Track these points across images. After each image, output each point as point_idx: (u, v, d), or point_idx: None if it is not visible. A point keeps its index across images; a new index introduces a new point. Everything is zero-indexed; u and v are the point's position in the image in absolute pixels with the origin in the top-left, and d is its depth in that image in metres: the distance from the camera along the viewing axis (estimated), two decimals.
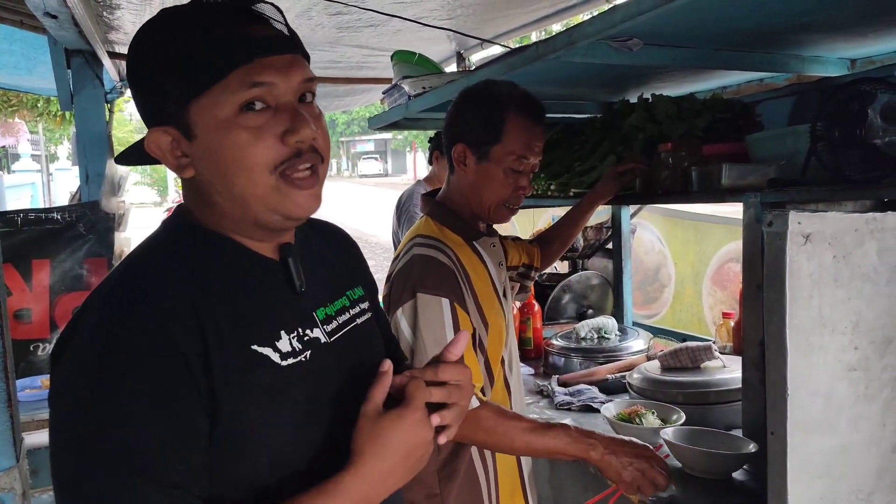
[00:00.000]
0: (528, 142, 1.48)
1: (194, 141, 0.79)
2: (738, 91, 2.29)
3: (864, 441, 1.00)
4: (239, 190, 0.79)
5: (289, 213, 0.81)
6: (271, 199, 0.79)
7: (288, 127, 0.78)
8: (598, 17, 1.43)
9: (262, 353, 0.79)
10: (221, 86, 0.76)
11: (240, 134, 0.77)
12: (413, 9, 2.76)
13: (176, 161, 0.81)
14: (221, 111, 0.76)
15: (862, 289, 0.98)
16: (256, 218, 0.81)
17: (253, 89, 0.76)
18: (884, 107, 1.33)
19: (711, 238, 3.52)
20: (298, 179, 0.80)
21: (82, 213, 3.38)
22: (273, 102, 0.78)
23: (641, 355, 2.31)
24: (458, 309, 1.37)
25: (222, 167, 0.78)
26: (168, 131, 0.79)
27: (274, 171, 0.78)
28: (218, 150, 0.77)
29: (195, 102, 0.77)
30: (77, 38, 2.80)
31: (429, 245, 1.43)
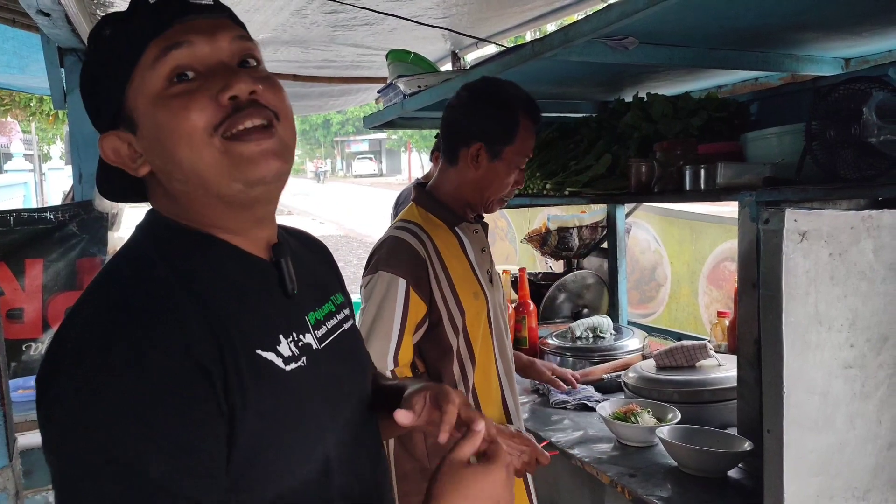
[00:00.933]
0: (531, 144, 1.59)
1: (138, 132, 0.75)
2: (732, 90, 2.30)
3: (860, 438, 1.00)
4: (188, 164, 0.73)
5: (245, 175, 0.73)
6: (223, 166, 0.72)
7: (221, 85, 0.72)
8: (594, 16, 1.43)
9: (266, 359, 0.75)
10: (143, 62, 0.73)
11: (171, 103, 0.72)
12: (408, 7, 2.75)
13: (133, 162, 0.77)
14: (150, 87, 0.73)
15: (858, 286, 0.98)
16: (218, 192, 0.74)
17: (173, 51, 0.72)
18: (878, 105, 1.33)
19: (707, 237, 3.52)
20: (243, 133, 0.72)
21: (75, 213, 3.36)
22: (203, 68, 0.74)
23: (637, 354, 2.31)
24: (413, 293, 1.46)
25: (166, 146, 0.73)
26: (119, 134, 0.76)
27: (214, 132, 0.72)
28: (157, 129, 0.73)
29: (128, 91, 0.74)
30: (70, 37, 2.78)
31: (405, 229, 1.53)
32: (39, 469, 3.10)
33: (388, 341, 1.45)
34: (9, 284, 3.29)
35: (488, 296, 1.59)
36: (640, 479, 1.56)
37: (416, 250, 1.49)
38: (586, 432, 1.89)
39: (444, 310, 1.50)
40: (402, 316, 1.46)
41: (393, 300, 1.45)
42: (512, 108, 1.55)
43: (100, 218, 3.40)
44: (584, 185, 2.20)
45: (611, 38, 1.54)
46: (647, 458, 1.69)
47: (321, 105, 5.46)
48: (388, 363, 1.45)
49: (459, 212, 1.61)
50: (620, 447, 1.76)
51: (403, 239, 1.50)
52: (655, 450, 1.71)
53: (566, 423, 1.96)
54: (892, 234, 1.00)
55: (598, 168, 2.19)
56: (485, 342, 1.57)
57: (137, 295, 0.71)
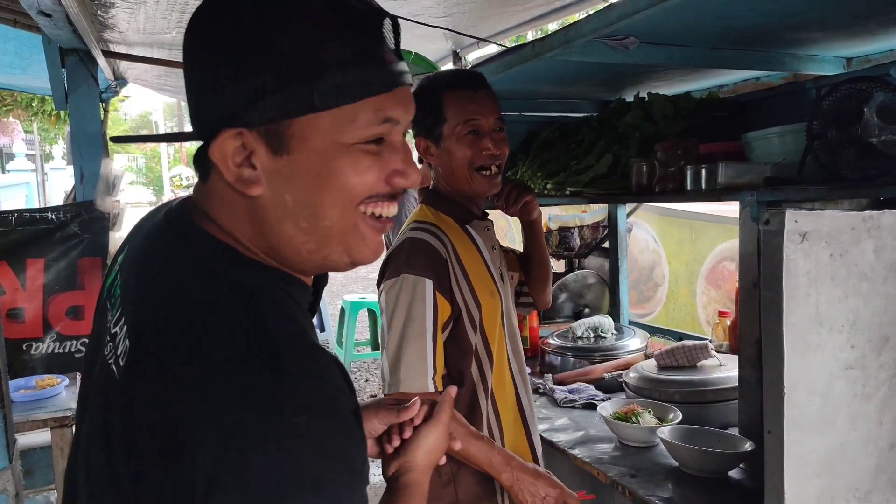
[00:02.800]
0: (469, 107, 1.52)
1: (284, 157, 0.64)
2: (733, 90, 2.29)
3: (861, 439, 1.00)
4: (328, 223, 0.66)
5: (360, 257, 0.70)
6: (349, 239, 0.68)
7: (400, 168, 0.68)
8: (595, 16, 1.43)
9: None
10: (353, 108, 0.63)
11: (357, 160, 0.64)
12: (409, 7, 2.75)
13: (237, 170, 0.64)
14: (341, 137, 0.63)
15: (859, 287, 0.98)
16: (328, 257, 0.69)
17: (385, 125, 0.65)
18: (880, 105, 1.33)
19: (706, 237, 3.52)
20: (381, 220, 0.69)
21: (77, 213, 3.36)
22: (390, 138, 0.67)
23: (638, 354, 2.31)
24: (439, 295, 1.43)
25: (320, 195, 0.64)
26: (244, 134, 0.63)
27: (361, 203, 0.66)
28: (323, 176, 0.64)
29: (310, 116, 0.62)
30: (72, 37, 2.79)
31: (423, 229, 1.50)
32: (39, 469, 3.11)
33: (424, 349, 1.40)
34: (10, 284, 3.30)
35: (502, 294, 1.58)
36: (641, 479, 1.56)
37: (436, 250, 1.46)
38: (587, 432, 1.88)
39: (463, 308, 1.48)
40: (433, 318, 1.42)
41: (422, 302, 1.41)
42: (432, 90, 1.54)
43: (101, 218, 3.41)
44: (586, 184, 2.20)
45: (611, 38, 1.54)
46: (648, 458, 1.68)
47: None
48: (428, 383, 1.39)
49: (465, 207, 1.60)
50: (621, 447, 1.76)
51: (423, 239, 1.47)
52: (656, 450, 1.71)
53: (567, 423, 1.96)
54: (893, 234, 1.00)
55: (599, 168, 2.18)
56: (500, 341, 1.56)
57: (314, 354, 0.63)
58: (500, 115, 1.56)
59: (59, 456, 2.49)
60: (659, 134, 1.99)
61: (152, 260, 0.70)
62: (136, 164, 23.52)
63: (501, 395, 1.55)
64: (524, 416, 1.59)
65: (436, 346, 1.42)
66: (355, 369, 6.14)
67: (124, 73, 4.05)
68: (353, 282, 10.31)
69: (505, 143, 1.57)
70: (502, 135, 1.57)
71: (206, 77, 0.64)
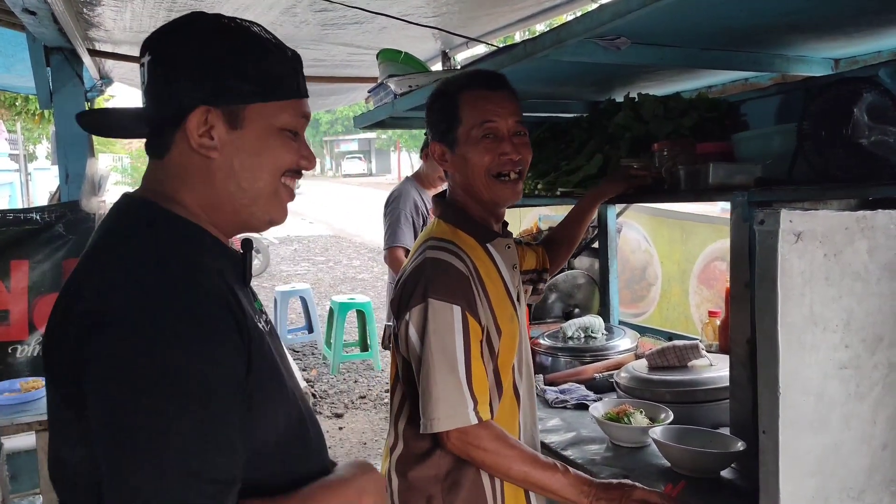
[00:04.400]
0: (485, 108, 1.45)
1: (237, 131, 0.91)
2: (723, 91, 2.30)
3: (855, 439, 1.00)
4: (260, 185, 0.93)
5: (275, 218, 0.97)
6: (271, 201, 0.95)
7: (305, 154, 0.97)
8: (587, 16, 1.42)
9: (260, 329, 0.91)
10: (286, 104, 0.93)
11: (283, 142, 0.93)
12: (398, 6, 2.74)
13: (199, 139, 0.89)
14: (278, 122, 0.92)
15: (853, 287, 0.98)
16: (253, 214, 0.95)
17: (302, 119, 0.96)
18: (869, 106, 1.34)
19: (697, 237, 3.54)
20: (291, 191, 0.97)
21: (62, 213, 3.32)
22: (300, 131, 0.97)
23: (628, 354, 2.31)
24: (470, 318, 1.34)
25: (258, 161, 0.92)
26: (211, 112, 0.89)
27: (282, 175, 0.95)
28: (262, 148, 0.92)
29: (259, 105, 0.91)
30: (57, 36, 2.76)
31: (442, 248, 1.40)
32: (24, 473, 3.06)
33: (459, 380, 1.31)
34: None
35: (519, 316, 1.50)
36: (633, 479, 1.55)
37: (460, 271, 1.36)
38: (579, 433, 1.88)
39: (484, 334, 1.39)
40: (465, 345, 1.33)
41: (451, 331, 1.32)
42: (447, 93, 1.48)
43: (86, 218, 3.37)
44: (576, 185, 2.19)
45: (603, 39, 1.54)
46: (640, 458, 1.68)
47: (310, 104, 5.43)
48: (469, 415, 1.31)
49: (484, 222, 1.50)
50: (613, 448, 1.76)
51: (445, 260, 1.37)
52: (648, 450, 1.71)
53: (559, 424, 1.96)
54: (887, 234, 1.00)
55: (589, 168, 2.18)
56: (511, 370, 1.48)
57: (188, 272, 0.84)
58: (521, 117, 1.48)
59: (45, 459, 2.46)
60: (649, 134, 1.99)
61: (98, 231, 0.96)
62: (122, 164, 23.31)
63: (504, 426, 1.45)
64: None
65: (471, 373, 1.33)
66: (344, 370, 6.12)
67: (110, 72, 4.01)
68: (341, 282, 10.28)
69: (527, 147, 1.49)
70: (524, 139, 1.48)
71: (189, 73, 0.90)
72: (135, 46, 3.36)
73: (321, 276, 10.87)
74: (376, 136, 41.30)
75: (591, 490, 1.31)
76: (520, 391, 1.51)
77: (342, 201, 24.99)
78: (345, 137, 47.40)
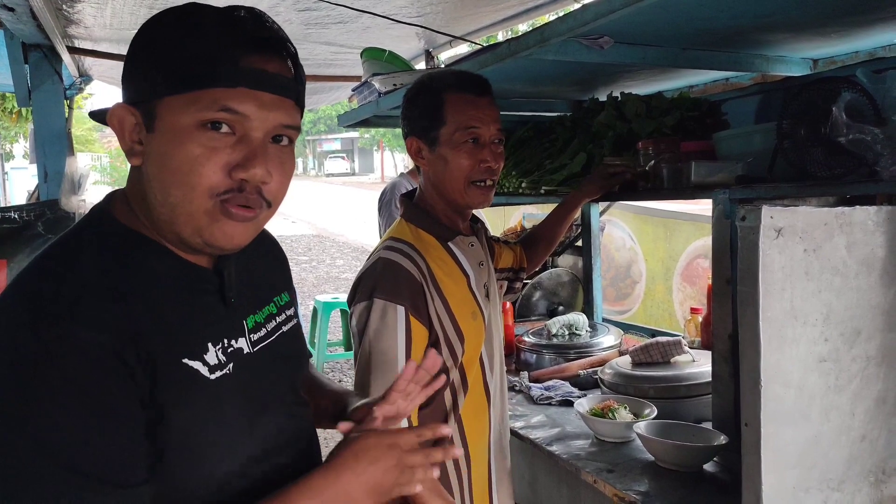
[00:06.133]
0: (471, 114, 1.45)
1: (151, 133, 0.78)
2: (704, 90, 2.33)
3: (834, 430, 1.02)
4: (172, 200, 0.77)
5: (213, 240, 0.79)
6: (201, 221, 0.78)
7: (240, 161, 0.77)
8: (570, 15, 1.44)
9: (192, 368, 0.78)
10: (197, 95, 0.75)
11: (192, 148, 0.76)
12: (382, 6, 2.74)
13: (130, 144, 0.80)
14: (185, 118, 0.76)
15: (832, 281, 1.00)
16: (180, 234, 0.80)
17: (220, 112, 0.76)
18: (847, 105, 1.36)
19: (680, 235, 3.58)
20: (234, 209, 0.78)
21: (41, 212, 3.27)
22: (240, 132, 0.78)
23: (612, 351, 2.33)
24: (413, 319, 1.35)
25: (165, 171, 0.77)
26: (134, 114, 0.79)
27: (213, 197, 0.77)
28: (167, 154, 0.77)
29: (169, 98, 0.76)
30: (35, 32, 2.72)
31: (396, 249, 1.41)
32: None
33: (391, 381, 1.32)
34: None
35: (485, 313, 1.51)
36: (617, 474, 1.57)
37: (410, 273, 1.37)
38: (564, 429, 1.90)
39: (441, 334, 1.40)
40: (406, 346, 1.33)
41: (392, 331, 1.33)
42: (433, 89, 1.47)
43: (66, 218, 3.32)
44: (560, 183, 2.21)
45: (586, 38, 1.55)
46: (624, 453, 1.70)
47: None
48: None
49: (448, 222, 1.51)
50: (598, 443, 1.78)
51: (395, 261, 1.38)
52: (632, 445, 1.73)
53: (543, 420, 1.97)
54: (864, 230, 1.02)
55: (573, 167, 2.20)
56: (478, 367, 1.49)
57: (59, 289, 0.73)
58: (501, 125, 1.49)
59: None
60: (632, 133, 2.01)
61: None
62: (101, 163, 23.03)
63: (473, 421, 1.49)
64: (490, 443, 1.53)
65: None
66: (328, 369, 6.10)
67: (89, 69, 3.96)
68: (324, 282, 10.25)
69: (502, 157, 1.51)
70: (500, 147, 1.50)
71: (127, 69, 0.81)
72: (115, 44, 3.33)
73: (304, 275, 10.82)
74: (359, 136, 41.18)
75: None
76: (490, 387, 1.53)
77: (325, 201, 24.89)
78: (327, 137, 47.23)
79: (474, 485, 1.47)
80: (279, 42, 0.81)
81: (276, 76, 0.79)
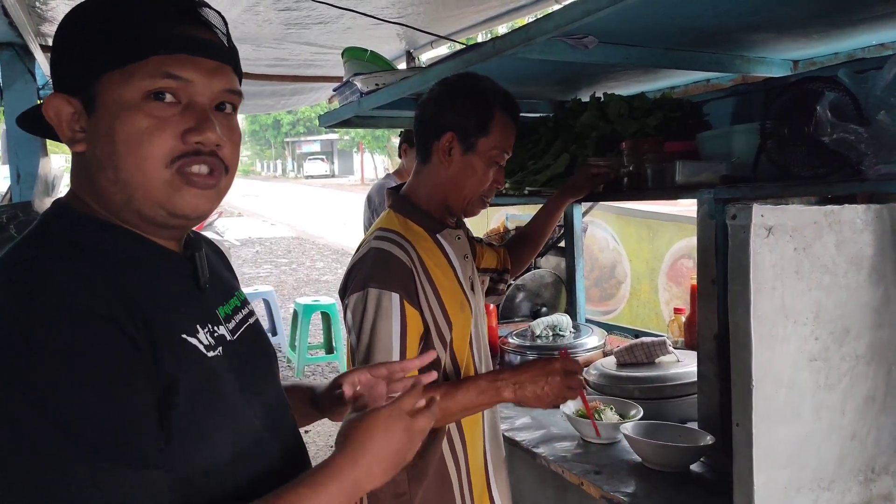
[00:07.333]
0: (510, 140, 1.54)
1: (93, 116, 0.76)
2: (685, 91, 2.34)
3: (824, 429, 1.02)
4: (126, 176, 0.76)
5: (176, 209, 0.78)
6: (160, 193, 0.77)
7: (192, 126, 0.77)
8: (557, 14, 1.43)
9: (192, 343, 0.77)
10: (137, 66, 0.74)
11: (140, 119, 0.75)
12: (363, 6, 2.72)
13: (71, 133, 0.78)
14: (128, 92, 0.74)
15: (821, 280, 1.00)
16: (140, 210, 0.78)
17: (166, 80, 0.75)
18: (831, 104, 1.37)
19: (663, 235, 3.60)
20: (195, 176, 0.78)
21: (13, 214, 3.20)
22: (185, 99, 0.77)
23: (596, 352, 2.33)
24: (408, 306, 1.37)
25: (114, 149, 0.75)
26: (71, 101, 0.77)
27: (170, 165, 0.76)
28: (114, 131, 0.75)
29: (107, 77, 0.75)
30: (7, 30, 2.66)
31: (386, 239, 1.42)
32: None
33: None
34: None
35: (472, 305, 1.53)
36: (605, 476, 1.57)
37: (402, 261, 1.38)
38: (549, 430, 1.89)
39: (432, 323, 1.41)
40: (401, 333, 1.35)
41: (388, 319, 1.34)
42: (487, 99, 1.50)
43: None
44: (543, 184, 2.20)
45: (571, 37, 1.54)
46: (610, 454, 1.70)
47: (272, 104, 5.36)
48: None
49: (439, 217, 1.53)
50: (584, 445, 1.77)
51: (386, 250, 1.40)
52: (619, 446, 1.73)
53: (528, 422, 1.96)
54: (853, 228, 1.02)
55: (556, 167, 2.19)
56: (468, 356, 1.51)
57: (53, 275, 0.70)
58: None
59: None
60: (615, 134, 2.01)
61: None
62: None
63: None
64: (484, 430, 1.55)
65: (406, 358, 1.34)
66: (309, 373, 6.05)
67: None
68: (304, 284, 10.17)
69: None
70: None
71: (52, 57, 0.80)
72: None
73: (284, 278, 10.73)
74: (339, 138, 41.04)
75: (504, 382, 1.39)
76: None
77: (304, 203, 24.73)
78: (307, 139, 46.99)
79: (472, 473, 1.49)
80: (209, 10, 0.81)
81: (212, 42, 0.79)
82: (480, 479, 1.52)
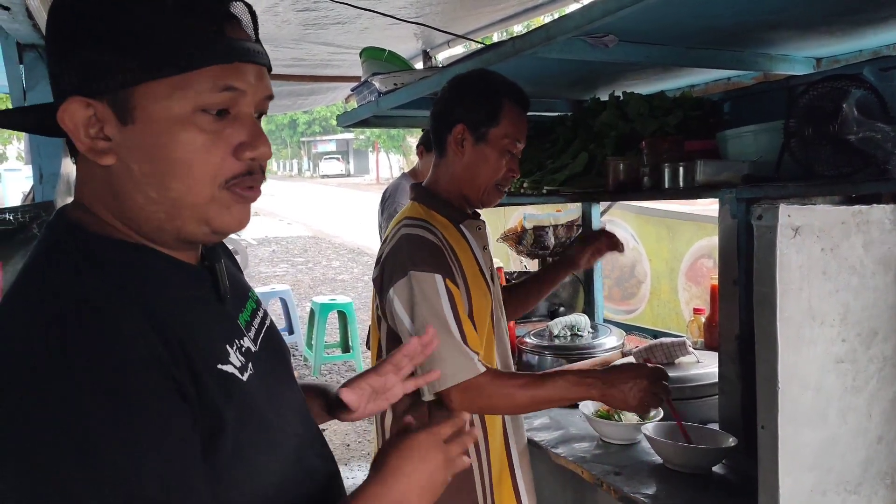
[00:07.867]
0: (520, 127, 1.58)
1: (129, 126, 0.68)
2: (705, 90, 2.32)
3: (851, 432, 1.01)
4: (175, 195, 0.70)
5: (224, 226, 0.74)
6: (209, 211, 0.72)
7: (245, 140, 0.72)
8: (577, 13, 1.42)
9: (229, 373, 0.73)
10: (189, 77, 0.67)
11: (194, 136, 0.69)
12: (381, 6, 2.72)
13: (90, 142, 0.69)
14: (178, 105, 0.68)
15: (849, 281, 0.99)
16: (181, 228, 0.72)
17: (224, 93, 0.69)
18: (858, 102, 1.35)
19: (682, 235, 3.57)
20: (246, 194, 0.74)
21: (36, 214, 3.24)
22: (235, 111, 0.72)
23: (615, 352, 2.31)
24: (450, 284, 1.41)
25: (163, 167, 0.69)
26: (93, 105, 0.68)
27: (224, 185, 0.72)
28: (164, 147, 0.68)
29: (149, 86, 0.67)
30: (31, 32, 2.69)
31: (415, 225, 1.47)
32: None
33: (455, 339, 1.36)
34: None
35: (493, 295, 1.57)
36: (625, 476, 1.56)
37: (435, 244, 1.43)
38: (567, 431, 1.88)
39: (467, 303, 1.47)
40: (452, 308, 1.39)
41: (437, 297, 1.38)
42: (494, 90, 1.55)
43: None
44: (562, 183, 2.20)
45: (591, 36, 1.54)
46: (630, 455, 1.69)
47: (290, 104, 5.38)
48: (477, 365, 1.37)
49: (460, 206, 1.59)
50: (603, 445, 1.76)
51: (419, 235, 1.44)
52: (639, 447, 1.72)
53: (547, 422, 1.95)
54: (881, 228, 1.01)
55: (575, 167, 2.18)
56: (488, 342, 1.54)
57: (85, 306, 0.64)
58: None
59: None
60: (635, 132, 2.00)
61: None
62: None
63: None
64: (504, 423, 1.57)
65: (464, 332, 1.38)
66: (325, 372, 6.07)
67: None
68: (321, 283, 10.21)
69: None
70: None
71: (60, 51, 0.69)
72: None
73: (300, 277, 10.78)
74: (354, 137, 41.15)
75: (595, 380, 1.40)
76: (499, 362, 1.59)
77: (320, 202, 24.84)
78: (322, 138, 47.18)
79: (492, 454, 1.51)
80: (245, 6, 0.74)
81: (255, 46, 0.73)
82: (499, 460, 1.54)
